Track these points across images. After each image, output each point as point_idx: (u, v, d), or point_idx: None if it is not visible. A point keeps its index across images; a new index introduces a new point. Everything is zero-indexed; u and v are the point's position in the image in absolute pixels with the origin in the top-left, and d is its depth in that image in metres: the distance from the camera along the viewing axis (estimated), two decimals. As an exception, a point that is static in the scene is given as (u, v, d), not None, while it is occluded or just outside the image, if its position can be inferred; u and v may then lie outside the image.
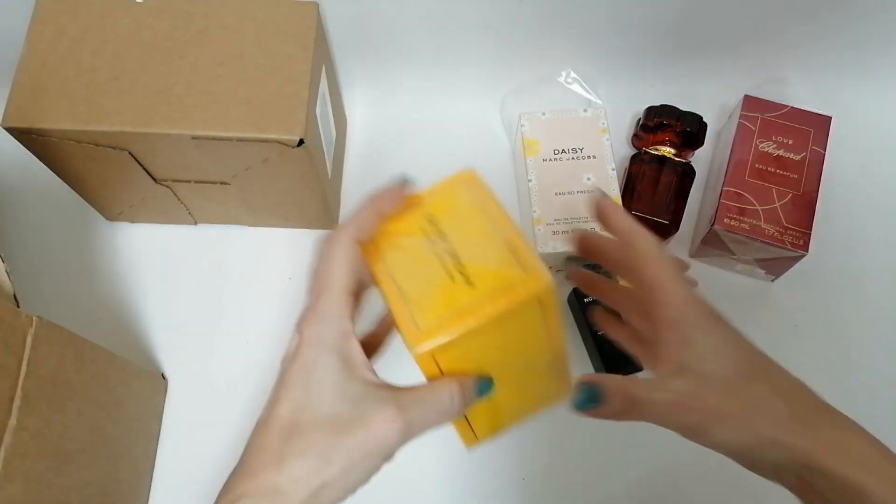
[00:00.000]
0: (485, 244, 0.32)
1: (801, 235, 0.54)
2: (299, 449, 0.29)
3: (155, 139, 0.47)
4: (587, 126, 0.58)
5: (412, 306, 0.31)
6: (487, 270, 0.31)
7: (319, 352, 0.30)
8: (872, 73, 0.65)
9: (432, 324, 0.30)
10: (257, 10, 0.49)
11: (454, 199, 0.34)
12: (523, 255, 0.31)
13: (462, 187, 0.35)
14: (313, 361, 0.30)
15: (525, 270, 0.31)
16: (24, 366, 0.36)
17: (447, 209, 0.34)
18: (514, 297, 0.30)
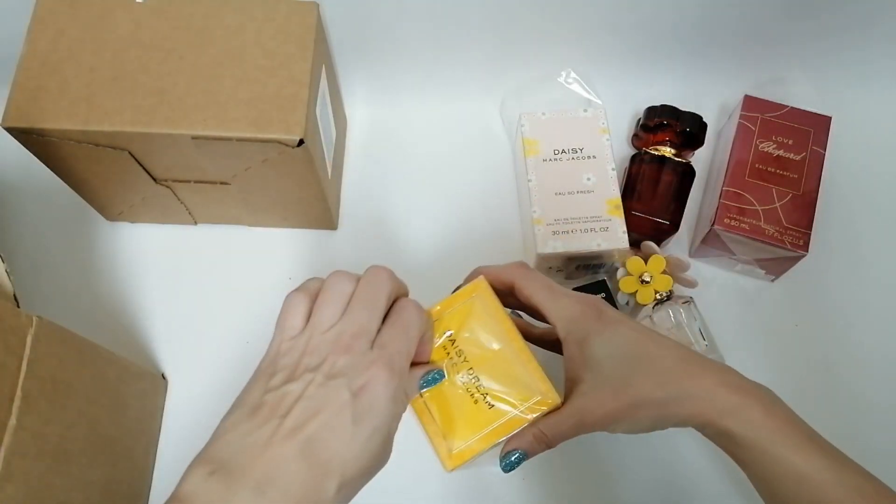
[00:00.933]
0: (503, 366, 0.39)
1: (801, 235, 0.54)
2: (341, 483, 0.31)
3: (155, 139, 0.47)
4: (587, 126, 0.58)
5: (444, 429, 0.38)
6: (504, 393, 0.39)
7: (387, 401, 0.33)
8: (872, 73, 0.65)
9: (462, 447, 0.38)
10: (257, 10, 0.49)
11: (470, 318, 0.40)
12: (533, 370, 0.39)
13: (477, 303, 0.40)
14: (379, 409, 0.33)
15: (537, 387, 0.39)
16: (24, 366, 0.36)
17: (466, 328, 0.40)
18: (528, 415, 0.39)
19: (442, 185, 0.63)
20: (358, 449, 0.32)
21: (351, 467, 0.32)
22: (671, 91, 0.64)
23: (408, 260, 0.60)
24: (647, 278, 0.54)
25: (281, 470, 0.31)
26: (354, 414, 0.32)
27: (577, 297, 0.40)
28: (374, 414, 0.33)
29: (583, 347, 0.38)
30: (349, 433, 0.32)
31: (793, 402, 0.38)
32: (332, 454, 0.31)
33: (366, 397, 0.33)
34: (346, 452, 0.32)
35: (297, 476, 0.30)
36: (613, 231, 0.54)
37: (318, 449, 0.31)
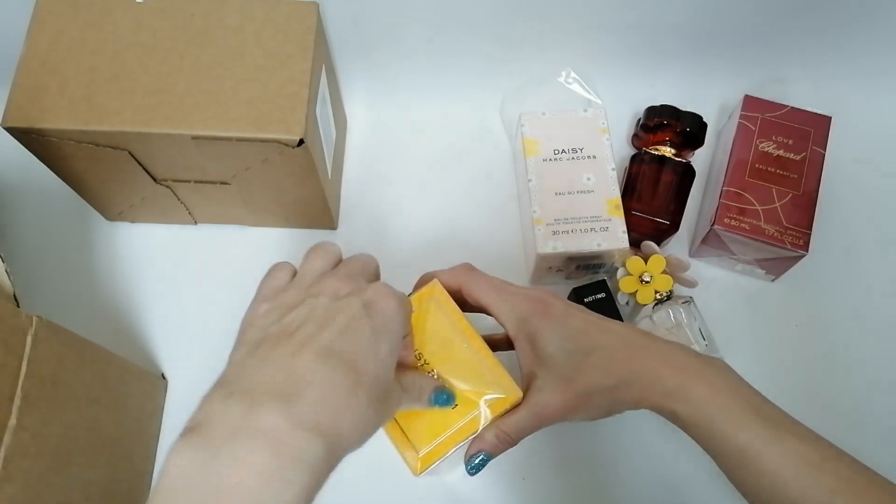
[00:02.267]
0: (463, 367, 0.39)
1: (801, 235, 0.54)
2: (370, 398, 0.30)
3: (155, 139, 0.47)
4: (587, 126, 0.58)
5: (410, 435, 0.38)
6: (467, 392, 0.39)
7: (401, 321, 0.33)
8: (872, 73, 0.65)
9: (428, 450, 0.38)
10: (257, 10, 0.49)
11: (428, 321, 0.40)
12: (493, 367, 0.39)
13: (433, 306, 0.40)
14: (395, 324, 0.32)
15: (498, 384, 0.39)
16: (24, 366, 0.36)
17: (424, 332, 0.40)
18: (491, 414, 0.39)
19: (442, 185, 0.63)
20: (382, 360, 0.30)
21: (378, 380, 0.30)
22: (671, 91, 0.64)
23: (408, 259, 0.59)
24: (647, 278, 0.54)
25: (306, 377, 0.28)
26: (373, 326, 0.31)
27: (523, 294, 0.41)
28: (389, 328, 0.31)
29: (533, 344, 0.39)
30: (371, 343, 0.30)
31: (792, 401, 0.38)
32: (358, 360, 0.29)
33: (380, 312, 0.31)
34: (370, 362, 0.30)
35: (327, 382, 0.28)
36: (613, 231, 0.54)
37: (343, 354, 0.29)
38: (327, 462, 0.27)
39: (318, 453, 0.26)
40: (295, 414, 0.27)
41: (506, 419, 0.39)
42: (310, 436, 0.26)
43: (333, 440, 0.27)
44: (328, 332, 0.30)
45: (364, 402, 0.29)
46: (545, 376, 0.38)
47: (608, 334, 0.39)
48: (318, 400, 0.28)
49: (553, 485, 0.53)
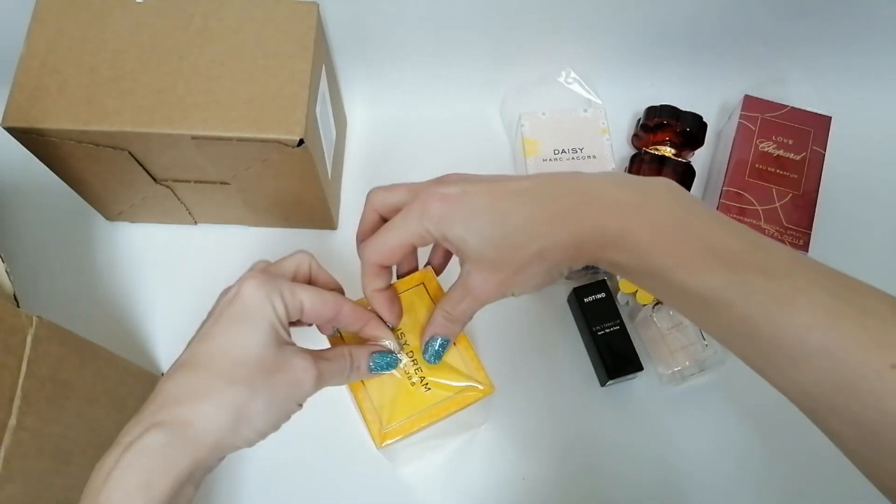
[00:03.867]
0: None
1: (801, 235, 0.54)
2: (229, 378, 0.32)
3: (155, 139, 0.47)
4: (587, 126, 0.58)
5: (379, 408, 0.38)
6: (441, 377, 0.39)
7: (262, 302, 0.34)
8: (872, 73, 0.65)
9: (394, 426, 0.38)
10: (257, 10, 0.49)
11: (415, 304, 0.41)
12: (470, 359, 0.40)
13: (422, 290, 0.41)
14: (255, 307, 0.33)
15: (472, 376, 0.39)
16: (24, 366, 0.36)
17: (410, 315, 0.40)
18: (462, 402, 0.39)
19: (442, 185, 0.63)
20: (243, 344, 0.32)
21: (239, 362, 0.32)
22: (671, 91, 0.64)
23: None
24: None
25: (158, 389, 0.32)
26: (231, 316, 0.33)
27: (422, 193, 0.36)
28: (247, 311, 0.33)
29: (446, 237, 0.35)
30: (228, 333, 0.33)
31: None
32: (212, 356, 0.32)
33: (238, 300, 0.34)
34: (227, 349, 0.32)
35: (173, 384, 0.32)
36: (613, 231, 0.54)
37: (196, 358, 0.32)
38: (173, 445, 0.30)
39: (153, 440, 0.30)
40: (138, 420, 0.31)
41: (447, 300, 0.37)
42: (142, 428, 0.30)
43: (173, 427, 0.30)
44: (192, 345, 0.34)
45: (220, 384, 0.31)
46: (471, 261, 0.36)
47: (518, 195, 0.34)
48: (160, 401, 0.31)
49: (553, 485, 0.53)
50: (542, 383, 0.56)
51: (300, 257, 0.38)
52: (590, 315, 0.55)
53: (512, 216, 0.34)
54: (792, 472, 0.53)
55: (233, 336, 0.33)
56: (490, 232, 0.34)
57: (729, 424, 0.55)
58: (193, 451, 0.30)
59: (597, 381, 0.56)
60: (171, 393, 0.31)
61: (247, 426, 0.32)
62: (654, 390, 0.56)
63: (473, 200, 0.35)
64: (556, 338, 0.57)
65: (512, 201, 0.34)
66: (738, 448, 0.54)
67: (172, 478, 0.30)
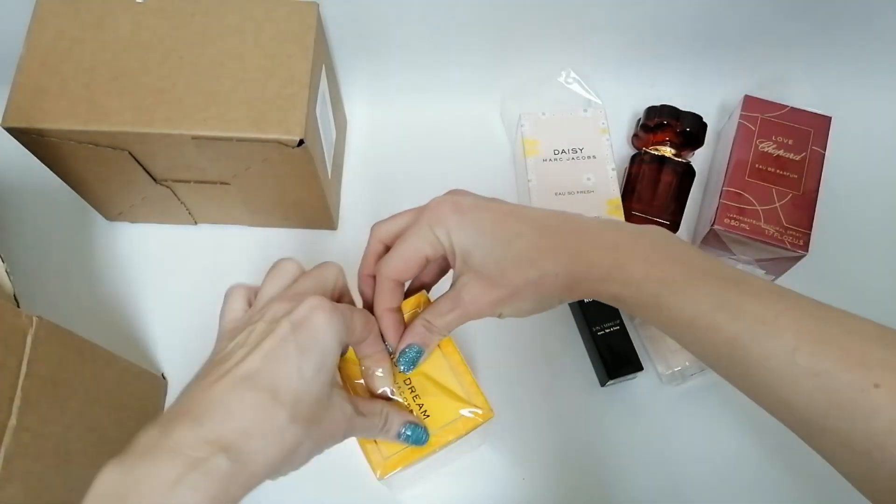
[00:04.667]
0: (438, 380, 0.39)
1: (801, 235, 0.54)
2: (293, 415, 0.30)
3: (155, 139, 0.47)
4: (587, 126, 0.58)
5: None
6: (440, 404, 0.39)
7: (331, 336, 0.32)
8: (872, 73, 0.65)
9: (395, 456, 0.37)
10: (257, 10, 0.49)
11: None
12: (468, 385, 0.39)
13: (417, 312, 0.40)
14: (324, 340, 0.32)
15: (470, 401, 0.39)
16: (24, 366, 0.36)
17: None
18: (462, 429, 0.38)
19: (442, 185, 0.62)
20: (309, 379, 0.31)
21: (303, 398, 0.30)
22: (671, 91, 0.64)
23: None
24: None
25: (219, 401, 0.29)
26: (298, 344, 0.31)
27: (427, 207, 0.37)
28: (318, 345, 0.31)
29: (452, 245, 0.36)
30: (295, 363, 0.31)
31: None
32: (278, 381, 0.30)
33: (308, 328, 0.31)
34: (294, 381, 0.30)
35: (238, 404, 0.29)
36: (613, 231, 0.54)
37: (260, 377, 0.30)
38: (234, 476, 0.28)
39: (220, 465, 0.28)
40: (201, 431, 0.28)
41: (430, 310, 0.37)
42: (212, 448, 0.28)
43: (239, 456, 0.28)
44: (253, 357, 0.31)
45: (283, 420, 0.30)
46: (468, 273, 0.36)
47: (526, 222, 0.35)
48: (225, 418, 0.29)
49: (553, 485, 0.53)
50: (542, 383, 0.56)
51: (335, 271, 0.37)
52: (590, 315, 0.55)
53: (518, 240, 0.35)
54: (791, 472, 0.53)
55: (299, 367, 0.31)
56: (495, 250, 0.35)
57: (729, 424, 0.55)
58: (248, 485, 0.29)
59: (597, 381, 0.56)
60: (235, 412, 0.29)
61: (289, 466, 0.31)
62: (654, 390, 0.56)
63: (484, 216, 0.36)
64: (556, 337, 0.57)
65: (520, 226, 0.35)
66: (737, 448, 0.54)
67: None
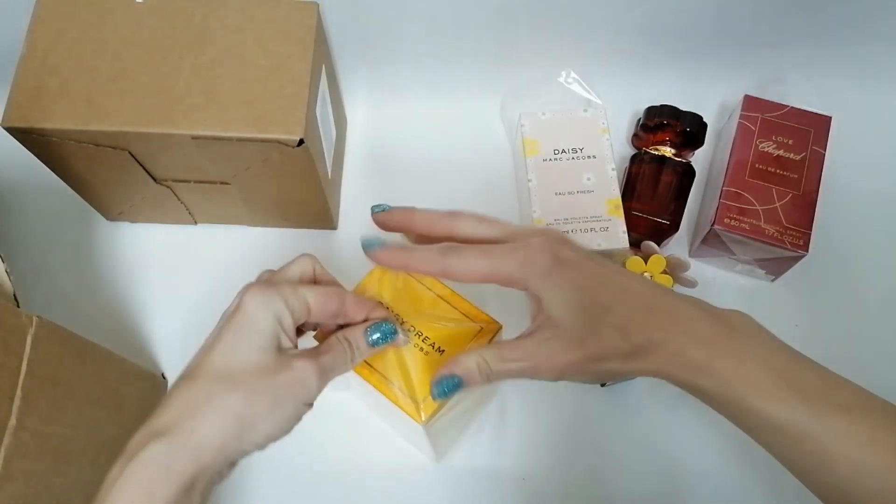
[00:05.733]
0: (434, 311, 0.40)
1: (801, 235, 0.54)
2: (229, 385, 0.32)
3: (155, 139, 0.47)
4: (587, 126, 0.58)
5: (407, 389, 0.38)
6: (448, 334, 0.39)
7: (263, 310, 0.34)
8: (872, 73, 0.65)
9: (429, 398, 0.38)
10: (257, 10, 0.49)
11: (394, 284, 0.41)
12: (466, 308, 0.40)
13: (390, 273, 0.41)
14: (255, 316, 0.33)
15: (474, 320, 0.40)
16: (24, 366, 0.36)
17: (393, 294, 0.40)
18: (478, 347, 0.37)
19: (442, 185, 0.63)
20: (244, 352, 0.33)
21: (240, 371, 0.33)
22: (671, 91, 0.64)
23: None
24: (647, 278, 0.54)
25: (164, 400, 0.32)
26: (232, 328, 0.33)
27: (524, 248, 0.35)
28: (249, 323, 0.33)
29: (541, 296, 0.35)
30: (229, 344, 0.33)
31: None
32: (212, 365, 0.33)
33: (238, 312, 0.34)
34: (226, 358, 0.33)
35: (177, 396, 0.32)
36: (613, 231, 0.54)
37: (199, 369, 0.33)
38: (174, 454, 0.30)
39: (155, 448, 0.30)
40: (143, 430, 0.31)
41: (494, 353, 0.35)
42: (145, 439, 0.30)
43: (175, 437, 0.31)
44: (197, 355, 0.34)
45: (219, 392, 0.32)
46: (552, 330, 0.35)
47: (628, 293, 0.35)
48: (163, 411, 0.32)
49: (553, 485, 0.53)
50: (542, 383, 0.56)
51: (304, 261, 0.38)
52: None
53: (619, 306, 0.34)
54: (792, 472, 0.53)
55: (233, 346, 0.33)
56: (590, 315, 0.34)
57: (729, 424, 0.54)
58: (196, 459, 0.30)
59: (597, 381, 0.56)
60: (173, 404, 0.32)
61: (252, 431, 0.32)
62: (655, 390, 0.56)
63: (585, 277, 0.34)
64: (556, 338, 0.57)
65: (623, 294, 0.35)
66: (738, 447, 0.54)
67: (175, 486, 0.30)
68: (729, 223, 0.55)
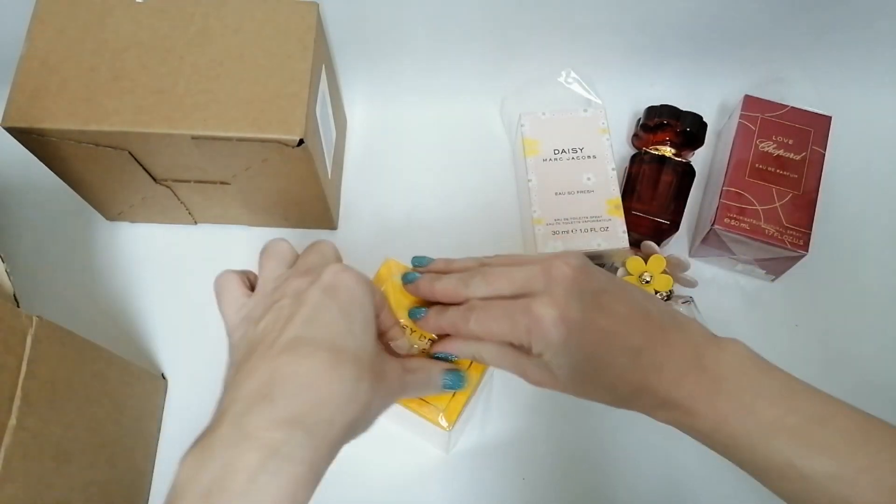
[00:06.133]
0: None
1: (801, 235, 0.54)
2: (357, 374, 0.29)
3: (155, 139, 0.47)
4: (587, 126, 0.58)
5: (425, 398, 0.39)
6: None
7: (366, 297, 0.31)
8: (872, 73, 0.65)
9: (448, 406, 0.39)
10: (257, 10, 0.49)
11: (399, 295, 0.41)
12: None
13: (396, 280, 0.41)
14: (361, 302, 0.31)
15: None
16: (24, 366, 0.36)
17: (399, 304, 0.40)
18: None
19: (442, 185, 0.63)
20: (359, 335, 0.30)
21: (361, 356, 0.30)
22: (671, 91, 0.64)
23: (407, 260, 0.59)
24: (648, 278, 0.54)
25: (283, 374, 0.28)
26: (339, 306, 0.30)
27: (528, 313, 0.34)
28: (357, 303, 0.31)
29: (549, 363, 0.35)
30: (342, 323, 0.30)
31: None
32: (334, 342, 0.29)
33: (342, 290, 0.31)
34: (349, 339, 0.30)
35: (305, 374, 0.28)
36: (613, 231, 0.54)
37: (315, 342, 0.29)
38: (315, 450, 0.28)
39: (299, 442, 0.27)
40: (273, 411, 0.28)
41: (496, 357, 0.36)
42: (287, 429, 0.27)
43: (316, 428, 0.28)
44: (294, 324, 0.30)
45: (350, 378, 0.29)
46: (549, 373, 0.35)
47: (622, 354, 0.34)
48: (294, 392, 0.28)
49: (553, 485, 0.53)
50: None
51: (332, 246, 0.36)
52: None
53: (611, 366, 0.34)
54: (792, 472, 0.53)
55: (348, 326, 0.30)
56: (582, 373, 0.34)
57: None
58: (330, 455, 0.29)
59: (597, 381, 0.56)
60: (303, 382, 0.28)
61: (362, 428, 0.31)
62: (654, 390, 0.56)
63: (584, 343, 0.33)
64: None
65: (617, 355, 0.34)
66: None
67: (315, 482, 0.28)
68: (729, 223, 0.55)
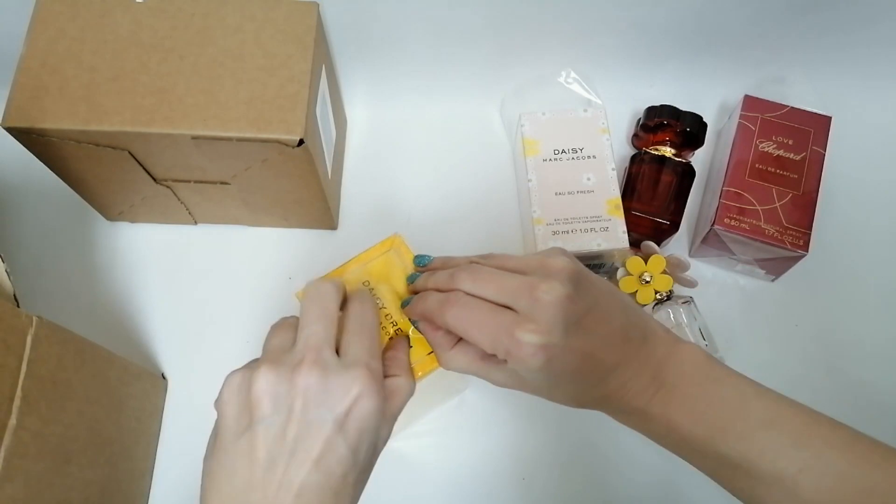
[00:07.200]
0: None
1: (801, 235, 0.54)
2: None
3: (155, 139, 0.47)
4: (587, 126, 0.58)
5: None
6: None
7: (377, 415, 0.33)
8: (872, 73, 0.65)
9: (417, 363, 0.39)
10: (257, 10, 0.49)
11: (388, 268, 0.42)
12: None
13: (392, 256, 0.43)
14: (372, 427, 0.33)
15: None
16: (24, 366, 0.36)
17: (383, 279, 0.42)
18: None
19: (442, 184, 0.63)
20: (362, 456, 0.33)
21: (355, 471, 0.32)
22: (671, 91, 0.64)
23: (408, 259, 0.60)
24: (647, 278, 0.54)
25: None
26: (346, 442, 0.32)
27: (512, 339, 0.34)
28: (367, 434, 0.32)
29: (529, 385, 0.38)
30: (348, 458, 0.32)
31: (793, 401, 0.38)
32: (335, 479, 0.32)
33: (353, 421, 0.32)
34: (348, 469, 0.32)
35: None
36: (613, 231, 0.54)
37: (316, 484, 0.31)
38: None
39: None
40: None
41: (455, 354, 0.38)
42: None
43: None
44: (302, 467, 0.31)
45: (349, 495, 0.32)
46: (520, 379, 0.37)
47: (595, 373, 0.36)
48: None
49: (553, 485, 0.53)
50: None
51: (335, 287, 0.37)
52: None
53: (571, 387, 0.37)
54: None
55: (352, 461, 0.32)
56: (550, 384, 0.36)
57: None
58: None
59: (597, 381, 0.56)
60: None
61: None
62: (654, 390, 0.56)
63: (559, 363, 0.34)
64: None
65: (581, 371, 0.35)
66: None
67: None
68: (729, 223, 0.55)
